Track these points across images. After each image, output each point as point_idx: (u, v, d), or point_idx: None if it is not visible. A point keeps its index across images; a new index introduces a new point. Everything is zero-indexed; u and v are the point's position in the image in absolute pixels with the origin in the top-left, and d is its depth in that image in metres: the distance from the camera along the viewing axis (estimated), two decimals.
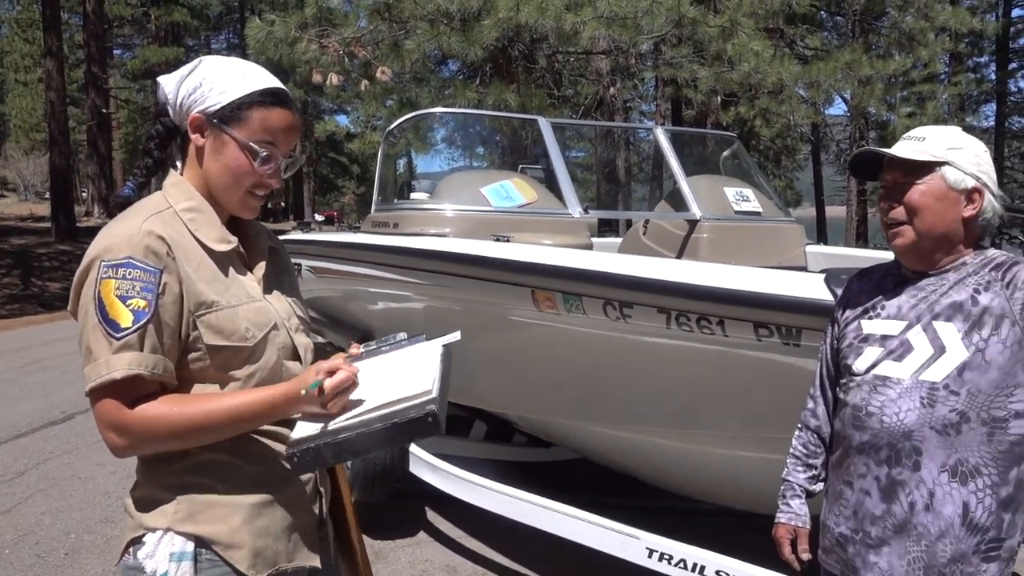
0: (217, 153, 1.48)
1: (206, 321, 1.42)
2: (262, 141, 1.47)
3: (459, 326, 3.60)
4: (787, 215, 5.01)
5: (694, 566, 2.91)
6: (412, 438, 1.37)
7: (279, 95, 1.50)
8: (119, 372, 1.33)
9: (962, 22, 13.93)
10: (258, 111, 1.47)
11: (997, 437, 1.63)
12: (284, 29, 9.95)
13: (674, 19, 9.47)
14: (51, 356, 9.70)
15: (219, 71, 1.49)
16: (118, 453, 1.38)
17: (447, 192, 4.40)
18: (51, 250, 19.74)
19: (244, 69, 1.51)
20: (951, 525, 1.64)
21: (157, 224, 1.41)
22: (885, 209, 1.75)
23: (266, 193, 1.53)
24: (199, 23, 34.12)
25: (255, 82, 1.48)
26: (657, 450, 3.24)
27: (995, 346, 1.62)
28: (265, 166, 1.48)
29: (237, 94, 1.46)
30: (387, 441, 1.34)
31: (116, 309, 1.33)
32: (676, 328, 2.62)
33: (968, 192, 1.69)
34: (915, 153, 1.70)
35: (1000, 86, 31.03)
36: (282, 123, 1.49)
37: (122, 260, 1.35)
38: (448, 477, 3.81)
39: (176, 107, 1.50)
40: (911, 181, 1.70)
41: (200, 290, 1.42)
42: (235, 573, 1.45)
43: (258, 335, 1.47)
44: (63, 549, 4.12)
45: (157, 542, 1.43)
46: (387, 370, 1.49)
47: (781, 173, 29.25)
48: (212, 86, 1.47)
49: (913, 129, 1.80)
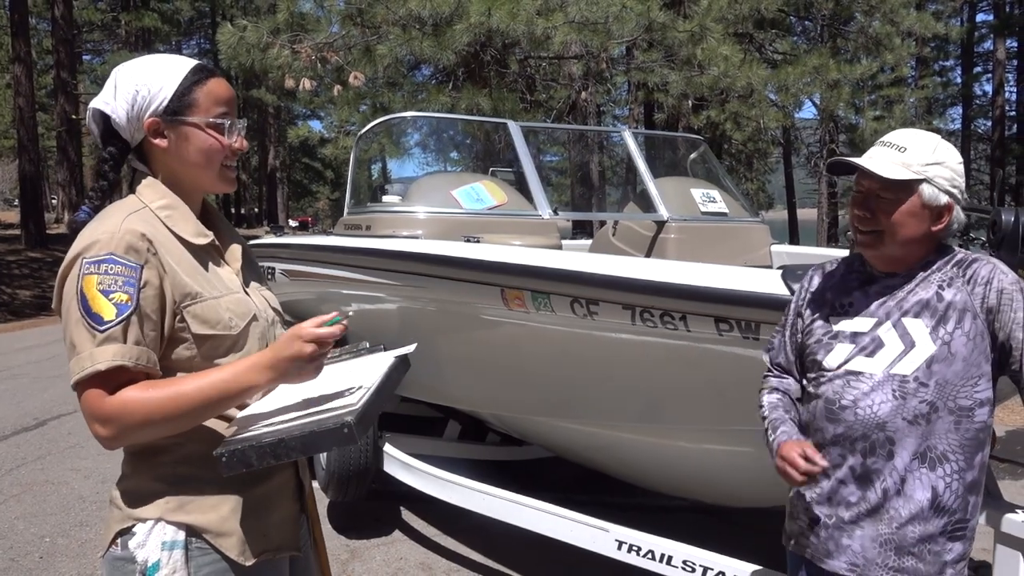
0: (184, 143, 1.52)
1: (192, 312, 1.46)
2: (217, 114, 1.53)
3: (432, 326, 3.67)
4: (753, 215, 5.11)
5: (662, 556, 2.99)
6: (329, 447, 1.40)
7: (206, 68, 1.56)
8: (103, 364, 1.35)
9: (927, 27, 14.18)
10: (200, 90, 1.52)
11: (964, 425, 1.73)
12: (256, 34, 9.95)
13: (644, 24, 9.57)
14: (22, 363, 9.62)
15: (144, 72, 1.52)
16: (106, 444, 1.40)
17: (419, 195, 4.45)
18: (21, 257, 19.49)
19: (166, 59, 1.56)
20: (921, 508, 1.73)
21: (137, 222, 1.44)
22: (858, 216, 1.78)
23: (234, 162, 1.60)
24: (170, 28, 33.87)
25: (182, 66, 1.54)
26: (626, 446, 3.31)
27: (959, 339, 1.71)
28: (232, 135, 1.55)
29: (175, 83, 1.51)
30: (305, 448, 1.37)
31: (99, 303, 1.36)
32: (641, 324, 2.69)
33: (940, 209, 1.75)
34: (896, 169, 1.73)
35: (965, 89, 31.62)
36: (223, 90, 1.55)
37: (104, 256, 1.38)
38: (420, 475, 3.86)
39: (126, 123, 1.53)
40: (887, 196, 1.74)
41: (184, 282, 1.46)
42: (225, 560, 1.48)
43: (240, 324, 1.52)
44: (37, 553, 4.12)
45: (148, 532, 1.45)
46: (331, 379, 1.54)
47: (753, 176, 29.50)
48: (149, 87, 1.50)
49: (893, 133, 1.81)
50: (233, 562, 1.49)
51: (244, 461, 1.37)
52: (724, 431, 2.84)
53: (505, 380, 3.59)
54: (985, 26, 30.90)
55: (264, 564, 1.54)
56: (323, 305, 4.76)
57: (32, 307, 15.36)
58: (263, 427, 1.42)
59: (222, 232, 1.65)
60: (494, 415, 4.03)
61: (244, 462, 1.37)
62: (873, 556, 1.76)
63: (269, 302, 1.67)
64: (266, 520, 1.55)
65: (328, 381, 1.53)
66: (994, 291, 1.72)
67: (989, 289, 1.72)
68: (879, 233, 1.76)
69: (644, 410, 3.09)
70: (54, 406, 7.11)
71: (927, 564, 1.73)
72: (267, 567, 1.55)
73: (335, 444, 1.38)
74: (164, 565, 1.44)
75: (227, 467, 1.37)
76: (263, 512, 1.55)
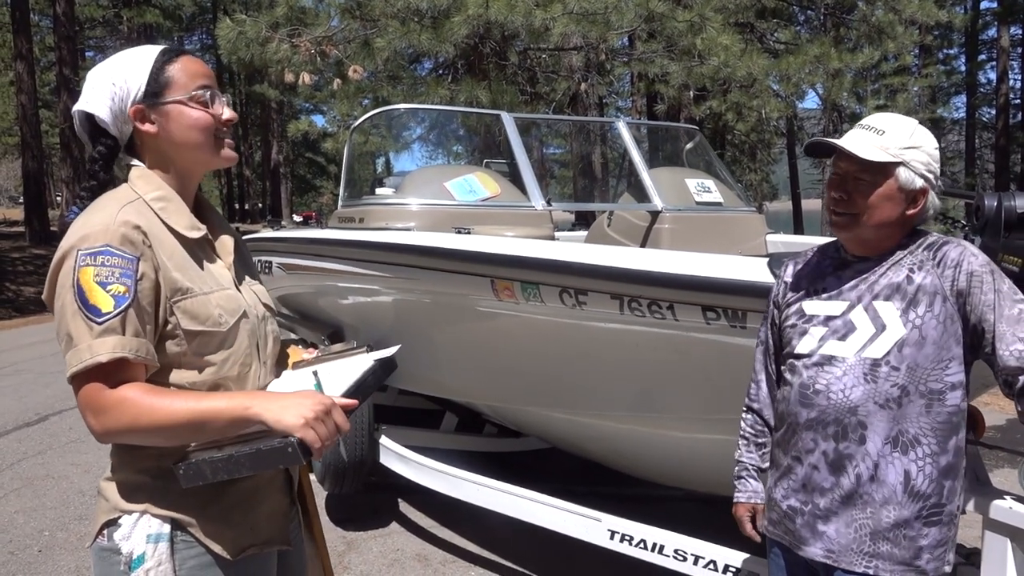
0: (172, 123, 1.51)
1: (182, 307, 1.45)
2: (197, 87, 1.52)
3: (427, 318, 3.68)
4: (748, 205, 5.10)
5: (654, 546, 3.00)
6: (276, 465, 1.40)
7: (172, 49, 1.55)
8: (104, 355, 1.33)
9: (929, 15, 14.08)
10: (173, 67, 1.52)
11: (935, 408, 1.73)
12: (255, 29, 9.92)
13: (643, 14, 9.54)
14: (25, 359, 9.66)
15: (115, 67, 1.53)
16: (100, 437, 1.39)
17: (412, 187, 4.45)
18: (25, 254, 19.58)
19: (131, 53, 1.56)
20: (894, 492, 1.73)
21: (132, 213, 1.43)
22: (835, 198, 1.80)
23: (231, 133, 1.59)
24: (171, 24, 33.88)
25: (148, 53, 1.54)
26: (618, 435, 3.32)
27: (930, 322, 1.72)
28: (216, 106, 1.54)
29: (146, 69, 1.51)
30: (254, 465, 1.37)
31: (96, 295, 1.34)
32: (629, 314, 2.69)
33: (915, 193, 1.77)
34: (874, 151, 1.75)
35: (970, 78, 31.48)
36: (197, 66, 1.54)
37: (100, 248, 1.37)
38: (416, 466, 3.88)
39: (112, 120, 1.53)
40: (864, 178, 1.76)
41: (175, 277, 1.45)
42: (210, 553, 1.48)
43: (230, 321, 1.51)
44: (36, 546, 4.15)
45: (134, 524, 1.45)
46: (303, 384, 1.54)
47: (757, 167, 29.41)
48: (124, 78, 1.50)
49: (872, 117, 1.83)
50: (218, 556, 1.49)
51: (199, 474, 1.38)
52: (713, 420, 2.84)
53: (498, 371, 3.60)
54: (989, 13, 30.75)
55: (250, 558, 1.54)
56: (320, 298, 4.77)
57: (36, 304, 15.40)
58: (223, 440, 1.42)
59: (214, 225, 1.64)
60: (489, 406, 4.04)
61: (200, 475, 1.38)
62: (848, 542, 1.76)
63: (260, 297, 1.66)
64: (253, 514, 1.55)
65: (303, 384, 1.53)
66: (964, 273, 1.72)
67: (959, 271, 1.72)
68: (855, 216, 1.78)
69: (635, 400, 3.10)
70: (56, 402, 7.15)
71: (902, 549, 1.73)
72: (253, 561, 1.55)
73: (281, 464, 1.38)
74: (149, 557, 1.45)
75: (185, 479, 1.39)
76: (250, 506, 1.55)
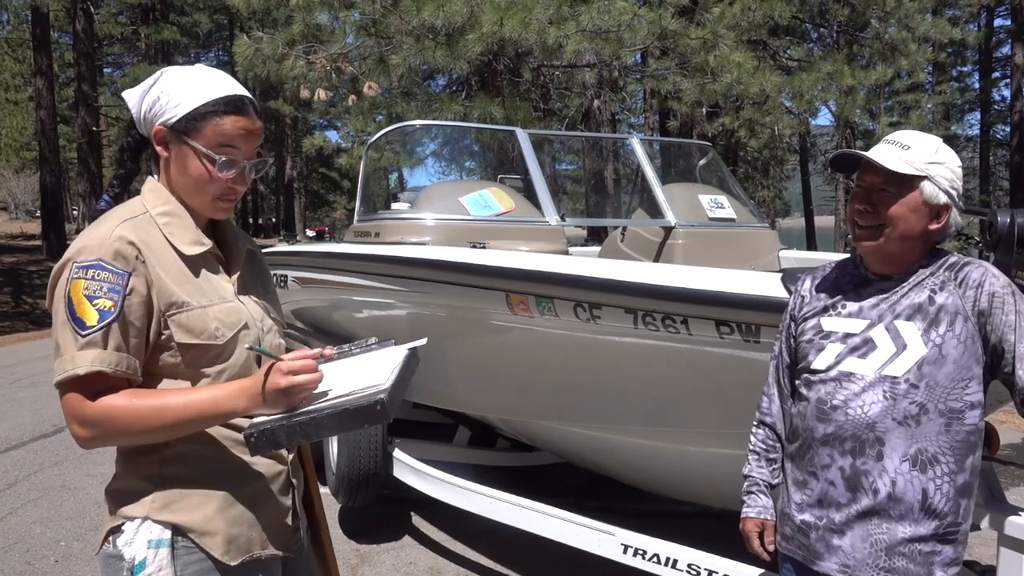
0: (181, 163, 1.53)
1: (177, 320, 1.48)
2: (220, 146, 1.51)
3: (441, 332, 3.72)
4: (761, 221, 5.11)
5: (667, 560, 2.99)
6: (360, 424, 1.42)
7: (233, 102, 1.53)
8: (82, 368, 1.39)
9: (943, 32, 14.11)
10: (212, 120, 1.50)
11: (954, 427, 1.73)
12: (271, 46, 10.04)
13: (656, 32, 9.60)
14: (42, 372, 9.75)
15: (177, 83, 1.53)
16: (82, 444, 1.45)
17: (427, 202, 4.49)
18: (42, 268, 19.77)
19: (202, 79, 1.54)
20: (911, 509, 1.73)
21: (129, 229, 1.47)
22: (859, 210, 1.81)
23: (235, 197, 1.58)
24: (189, 41, 34.26)
25: (211, 91, 1.52)
26: (632, 450, 3.32)
27: (951, 342, 1.72)
28: (227, 172, 1.53)
29: (192, 105, 1.50)
30: (337, 426, 1.40)
31: (83, 308, 1.40)
32: (643, 328, 2.71)
33: (938, 208, 1.78)
34: (900, 164, 1.76)
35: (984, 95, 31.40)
36: (237, 130, 1.52)
37: (92, 262, 1.42)
38: (430, 479, 3.89)
39: (140, 120, 1.57)
40: (890, 190, 1.77)
41: (171, 291, 1.48)
42: (210, 559, 1.51)
43: (228, 334, 1.53)
44: (53, 556, 4.18)
45: (135, 530, 1.49)
46: (350, 369, 1.57)
47: (770, 184, 29.37)
48: (169, 99, 1.52)
49: (896, 133, 1.84)
50: (218, 562, 1.51)
51: (273, 441, 1.40)
52: (727, 434, 2.84)
53: (512, 385, 3.62)
54: (1003, 31, 30.69)
55: (251, 564, 1.55)
56: (335, 312, 4.81)
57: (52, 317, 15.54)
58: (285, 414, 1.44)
59: (227, 238, 1.66)
60: (502, 420, 4.06)
61: (273, 442, 1.41)
62: (864, 556, 1.76)
63: (268, 311, 1.66)
64: (254, 520, 1.57)
65: (345, 372, 1.55)
66: (985, 294, 1.73)
67: (980, 292, 1.73)
68: (879, 227, 1.78)
69: (648, 414, 3.10)
70: None
71: (917, 565, 1.73)
72: (254, 568, 1.56)
73: (367, 422, 1.41)
74: (150, 563, 1.47)
75: (255, 447, 1.42)
76: (251, 512, 1.57)
